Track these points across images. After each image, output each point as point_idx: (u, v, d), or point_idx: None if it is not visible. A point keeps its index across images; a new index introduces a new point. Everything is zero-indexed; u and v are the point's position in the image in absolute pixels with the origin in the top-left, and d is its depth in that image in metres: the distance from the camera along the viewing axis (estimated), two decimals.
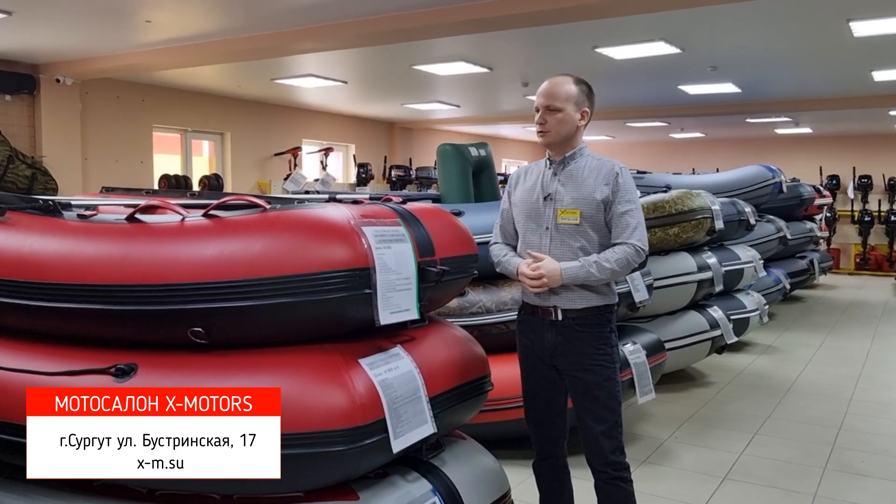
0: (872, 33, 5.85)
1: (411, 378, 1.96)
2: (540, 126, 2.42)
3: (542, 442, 2.53)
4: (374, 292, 1.85)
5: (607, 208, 2.35)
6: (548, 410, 2.49)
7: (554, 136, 2.40)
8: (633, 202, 2.35)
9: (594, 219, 2.35)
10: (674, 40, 6.29)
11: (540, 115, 2.41)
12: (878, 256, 13.62)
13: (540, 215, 2.41)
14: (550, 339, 2.39)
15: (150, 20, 5.60)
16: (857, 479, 3.58)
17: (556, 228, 2.38)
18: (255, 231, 1.88)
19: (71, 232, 2.02)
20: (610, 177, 2.35)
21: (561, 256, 2.35)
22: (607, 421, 2.35)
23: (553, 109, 2.38)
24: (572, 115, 2.39)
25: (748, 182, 7.16)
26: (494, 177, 4.66)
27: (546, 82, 2.43)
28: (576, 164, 2.41)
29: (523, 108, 10.83)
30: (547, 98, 2.39)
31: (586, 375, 2.35)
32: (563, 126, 2.38)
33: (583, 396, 2.37)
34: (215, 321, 1.86)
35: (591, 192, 2.35)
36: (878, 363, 6.13)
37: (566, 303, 2.36)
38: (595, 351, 2.36)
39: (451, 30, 5.54)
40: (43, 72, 7.31)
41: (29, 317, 2.06)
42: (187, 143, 9.52)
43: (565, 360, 2.38)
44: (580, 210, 2.35)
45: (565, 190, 2.39)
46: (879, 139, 13.76)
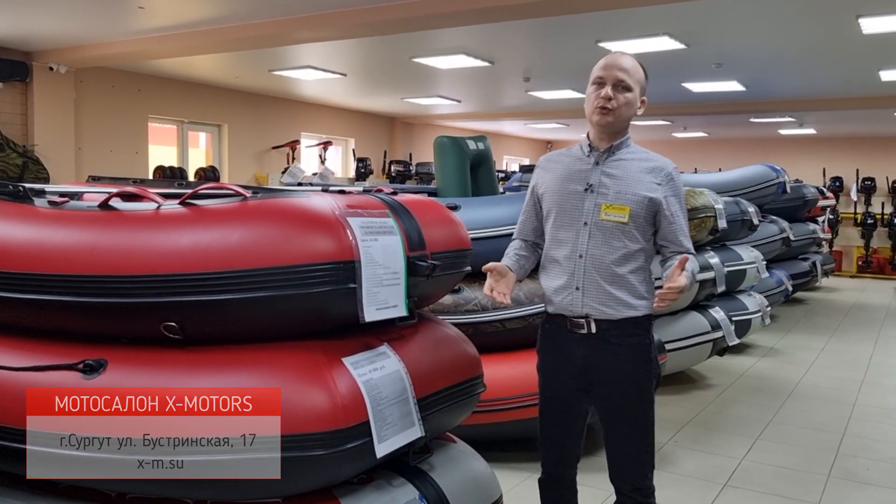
0: (882, 30, 5.73)
1: (398, 378, 1.85)
2: (606, 102, 2.07)
3: (552, 465, 2.30)
4: (358, 287, 1.74)
5: (656, 210, 2.10)
6: (564, 433, 2.24)
7: (618, 116, 2.09)
8: (684, 206, 2.18)
9: (640, 219, 2.09)
10: (679, 35, 6.18)
11: (608, 88, 2.07)
12: (881, 259, 13.52)
13: (577, 208, 2.11)
14: (581, 356, 2.12)
15: (142, 6, 5.48)
16: (862, 488, 3.47)
17: (597, 225, 2.08)
18: (233, 220, 1.77)
19: (40, 219, 1.91)
20: (664, 175, 2.11)
21: (605, 258, 2.08)
22: (638, 445, 2.14)
23: (625, 87, 2.08)
24: (636, 101, 2.12)
25: (752, 182, 7.07)
26: (493, 171, 4.55)
27: (614, 55, 2.13)
28: (623, 154, 2.14)
29: (525, 104, 10.73)
30: (621, 72, 2.07)
31: (619, 394, 2.12)
32: (629, 109, 2.10)
33: (613, 416, 2.15)
34: (190, 315, 1.75)
35: (642, 189, 2.08)
36: (882, 367, 6.03)
37: (601, 314, 2.08)
38: (632, 367, 2.11)
39: (453, 20, 5.43)
40: (36, 59, 7.20)
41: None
42: (184, 134, 9.40)
43: (597, 376, 2.13)
44: (630, 207, 2.07)
45: (611, 182, 2.10)
46: (884, 141, 13.66)
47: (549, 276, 2.18)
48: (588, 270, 2.09)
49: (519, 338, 3.47)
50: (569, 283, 2.12)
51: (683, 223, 2.15)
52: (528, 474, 3.39)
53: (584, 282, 2.10)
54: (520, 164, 14.97)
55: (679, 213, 2.14)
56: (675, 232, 2.13)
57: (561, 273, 2.14)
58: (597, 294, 2.08)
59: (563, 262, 2.13)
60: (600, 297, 2.08)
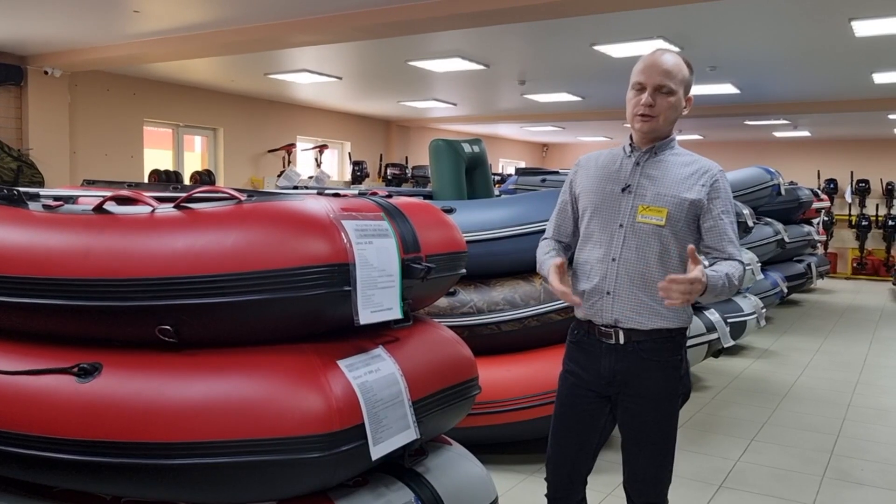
0: (874, 33, 5.76)
1: (393, 381, 1.85)
2: (647, 109, 1.96)
3: (558, 484, 2.15)
4: (353, 289, 1.74)
5: (699, 214, 1.99)
6: (576, 449, 2.12)
7: (662, 122, 1.99)
8: (730, 213, 2.01)
9: (680, 223, 1.98)
10: (673, 38, 6.20)
11: (648, 94, 1.96)
12: (875, 261, 13.56)
13: (613, 210, 2.02)
14: (608, 367, 2.02)
15: (137, 10, 5.48)
16: (857, 489, 3.48)
17: (633, 228, 1.99)
18: (228, 223, 1.77)
19: (34, 223, 1.91)
20: (708, 177, 2.00)
21: (640, 263, 1.98)
22: (659, 462, 2.06)
23: (667, 91, 1.96)
24: (681, 102, 2.01)
25: (746, 184, 7.09)
26: (488, 174, 4.56)
27: (654, 56, 1.99)
28: (665, 156, 2.04)
29: (521, 107, 10.74)
30: (663, 76, 1.95)
31: (645, 411, 2.02)
32: (673, 112, 1.99)
33: (637, 433, 2.06)
34: (185, 318, 1.75)
35: (682, 191, 1.97)
36: (876, 368, 6.05)
37: (631, 321, 1.98)
38: (662, 384, 2.00)
39: (448, 23, 5.43)
40: (31, 63, 7.18)
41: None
42: (179, 138, 9.39)
43: (623, 391, 2.03)
44: (668, 210, 1.96)
45: (650, 183, 2.00)
46: (878, 143, 13.71)
47: (579, 279, 2.09)
48: (620, 275, 2.00)
49: (514, 340, 3.48)
50: (600, 286, 2.02)
51: (729, 229, 2.00)
52: (524, 476, 3.39)
53: (615, 287, 2.00)
54: (515, 166, 14.99)
55: (724, 218, 2.00)
56: (719, 237, 1.99)
57: (592, 276, 2.04)
58: (628, 300, 1.99)
59: (596, 265, 2.04)
60: (631, 304, 1.98)
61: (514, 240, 3.45)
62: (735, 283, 1.93)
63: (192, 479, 1.68)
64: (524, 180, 6.50)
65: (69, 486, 1.85)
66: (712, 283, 1.86)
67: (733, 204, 2.06)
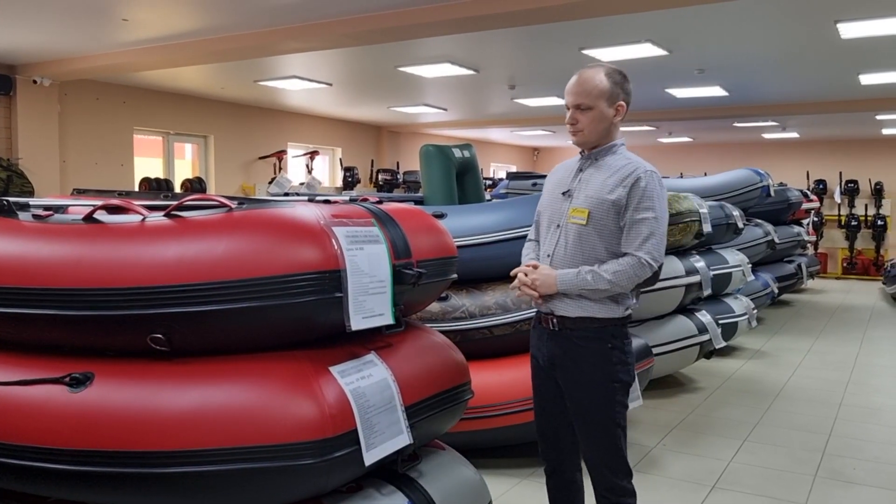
0: (860, 35, 5.81)
1: (385, 386, 1.86)
2: (571, 126, 2.24)
3: (548, 453, 2.39)
4: (345, 296, 1.75)
5: (621, 213, 2.16)
6: (553, 423, 2.34)
7: (588, 135, 2.23)
8: (652, 210, 2.14)
9: (603, 222, 2.16)
10: (661, 42, 6.24)
11: (570, 114, 2.24)
12: (865, 261, 13.64)
13: (556, 212, 2.26)
14: (549, 350, 2.27)
15: (126, 18, 5.47)
16: (849, 487, 3.50)
17: (565, 228, 2.22)
18: (219, 231, 1.77)
19: (24, 233, 1.91)
20: (631, 178, 2.15)
21: (567, 259, 2.20)
22: (606, 446, 2.21)
23: (584, 108, 2.21)
24: (606, 112, 2.21)
25: (736, 186, 7.12)
26: (479, 178, 4.57)
27: (574, 77, 2.24)
28: (604, 161, 2.23)
29: (511, 112, 10.78)
30: (576, 96, 2.21)
31: (583, 395, 2.21)
32: (598, 124, 2.21)
33: (581, 418, 2.24)
34: (176, 327, 1.76)
35: (604, 192, 2.16)
36: (867, 367, 6.09)
37: (561, 310, 2.21)
38: (593, 368, 2.19)
39: (437, 29, 5.45)
40: (20, 72, 7.16)
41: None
42: (169, 145, 9.37)
43: (563, 375, 2.25)
44: (589, 210, 2.17)
45: (584, 187, 2.22)
46: (866, 144, 13.81)
47: None
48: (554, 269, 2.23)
49: (507, 344, 3.48)
50: None
51: (646, 228, 2.14)
52: (518, 480, 3.40)
53: None
54: (507, 171, 15.01)
55: (638, 219, 2.14)
56: (629, 236, 2.15)
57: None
58: (559, 293, 2.20)
59: (541, 262, 2.29)
60: (559, 295, 2.20)
61: (506, 244, 3.46)
62: (606, 276, 2.12)
63: (186, 488, 1.68)
64: (515, 184, 6.51)
65: (63, 497, 1.84)
66: (565, 281, 2.15)
67: (660, 202, 2.17)
